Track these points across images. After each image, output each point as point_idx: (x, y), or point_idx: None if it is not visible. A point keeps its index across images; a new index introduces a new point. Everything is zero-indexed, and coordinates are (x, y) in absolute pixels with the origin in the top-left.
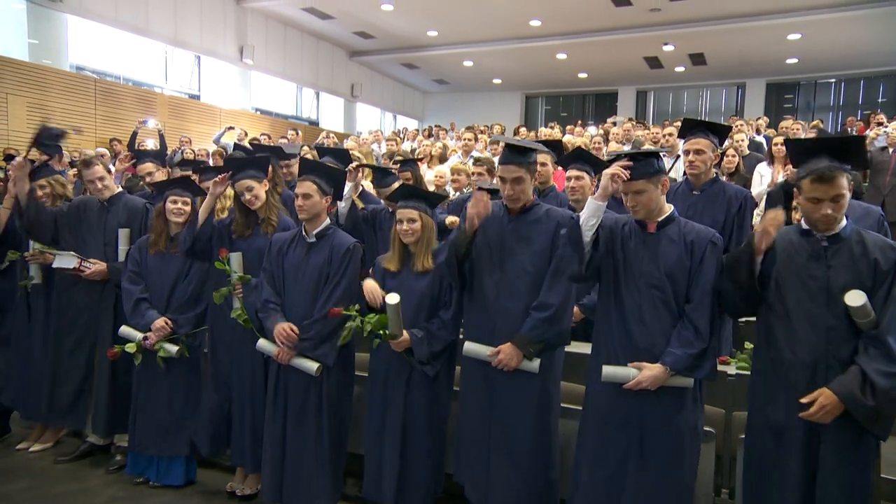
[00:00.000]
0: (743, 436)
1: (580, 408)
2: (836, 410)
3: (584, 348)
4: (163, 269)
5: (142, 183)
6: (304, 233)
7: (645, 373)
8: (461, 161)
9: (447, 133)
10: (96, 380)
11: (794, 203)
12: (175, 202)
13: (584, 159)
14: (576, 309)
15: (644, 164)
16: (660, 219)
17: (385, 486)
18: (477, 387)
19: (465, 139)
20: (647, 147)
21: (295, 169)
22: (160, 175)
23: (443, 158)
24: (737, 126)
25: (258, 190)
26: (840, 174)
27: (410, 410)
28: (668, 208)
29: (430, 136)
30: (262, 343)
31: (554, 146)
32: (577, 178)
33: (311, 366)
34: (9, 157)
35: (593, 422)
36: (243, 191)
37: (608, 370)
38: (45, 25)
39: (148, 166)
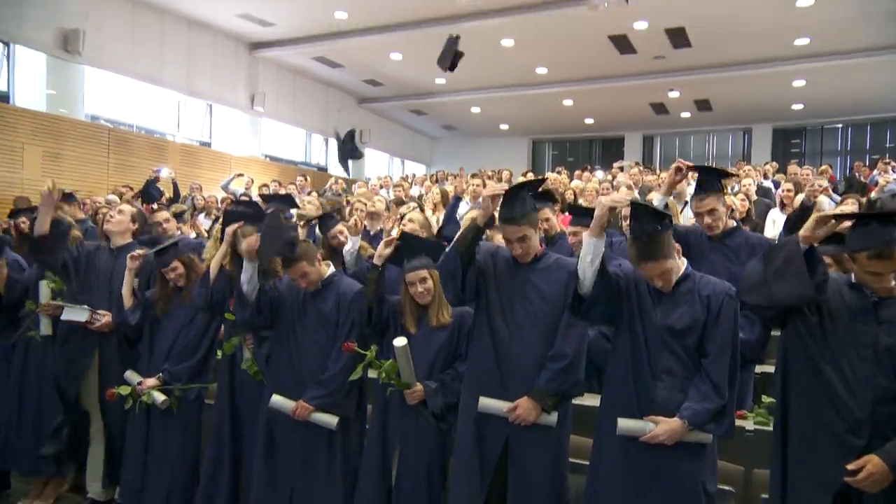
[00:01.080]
0: (765, 495)
1: (587, 462)
2: (885, 480)
3: (589, 400)
4: (169, 319)
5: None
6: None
7: (662, 426)
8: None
9: (456, 178)
10: (92, 429)
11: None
12: (175, 269)
13: (580, 214)
14: None
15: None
16: (675, 278)
17: None
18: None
19: (473, 185)
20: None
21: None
22: (171, 225)
23: (446, 203)
24: (744, 171)
25: None
26: None
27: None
28: (682, 265)
29: (437, 181)
30: (277, 399)
31: (550, 196)
32: (574, 234)
33: (331, 420)
34: (14, 213)
35: (605, 477)
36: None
37: (624, 423)
38: (62, 76)
39: (164, 214)
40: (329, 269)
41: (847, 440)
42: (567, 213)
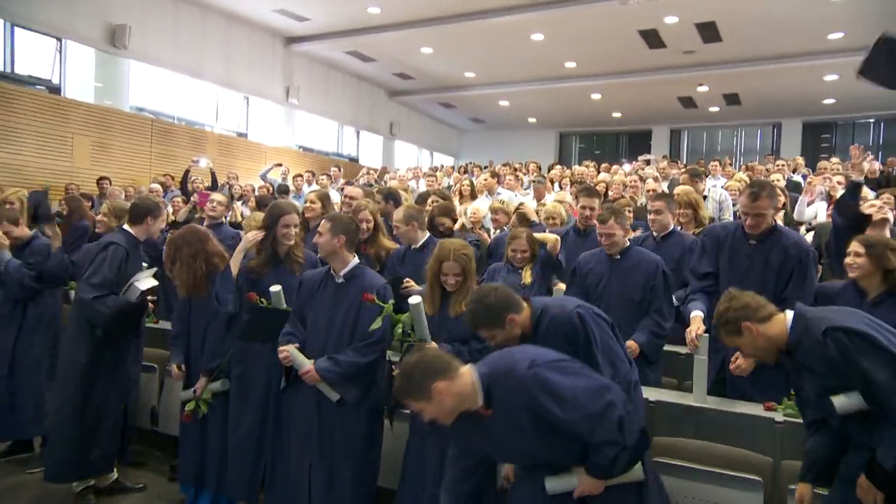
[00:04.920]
0: (793, 486)
1: None
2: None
3: None
4: (201, 307)
5: (203, 214)
6: (332, 272)
7: (582, 481)
8: (499, 200)
9: (482, 171)
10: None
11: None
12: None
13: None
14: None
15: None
16: None
17: None
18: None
19: (483, 178)
20: (684, 188)
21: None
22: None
23: (474, 195)
24: (776, 165)
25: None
26: None
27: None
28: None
29: (465, 172)
30: (295, 352)
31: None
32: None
33: (333, 394)
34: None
35: None
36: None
37: (551, 483)
38: (110, 70)
39: (218, 195)
40: (353, 259)
41: None
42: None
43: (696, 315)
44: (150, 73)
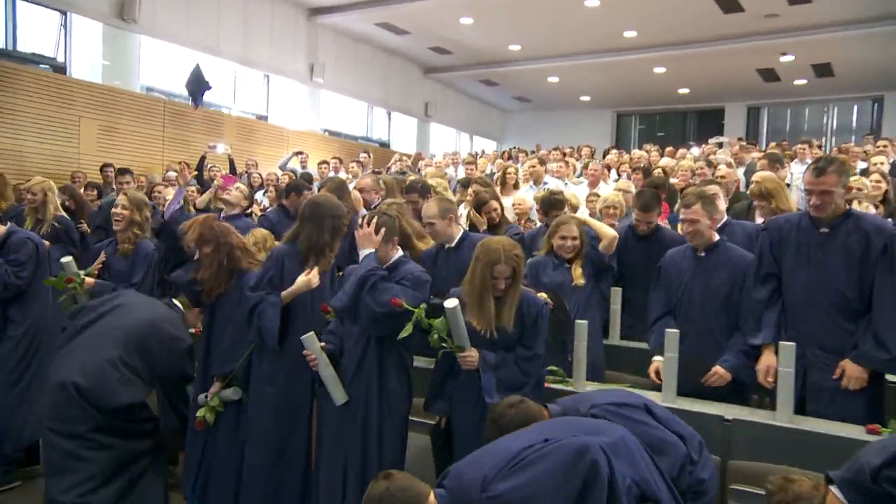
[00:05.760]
0: None
1: None
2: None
3: None
4: (221, 306)
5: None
6: None
7: None
8: (546, 189)
9: (528, 156)
10: None
11: None
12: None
13: None
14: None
15: None
16: None
17: None
18: None
19: (529, 166)
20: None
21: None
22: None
23: (517, 184)
24: (876, 147)
25: None
26: None
27: None
28: None
29: (509, 158)
30: (311, 338)
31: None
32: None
33: (339, 397)
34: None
35: None
36: None
37: None
38: (118, 46)
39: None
40: (398, 253)
41: None
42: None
43: (767, 351)
44: (161, 50)
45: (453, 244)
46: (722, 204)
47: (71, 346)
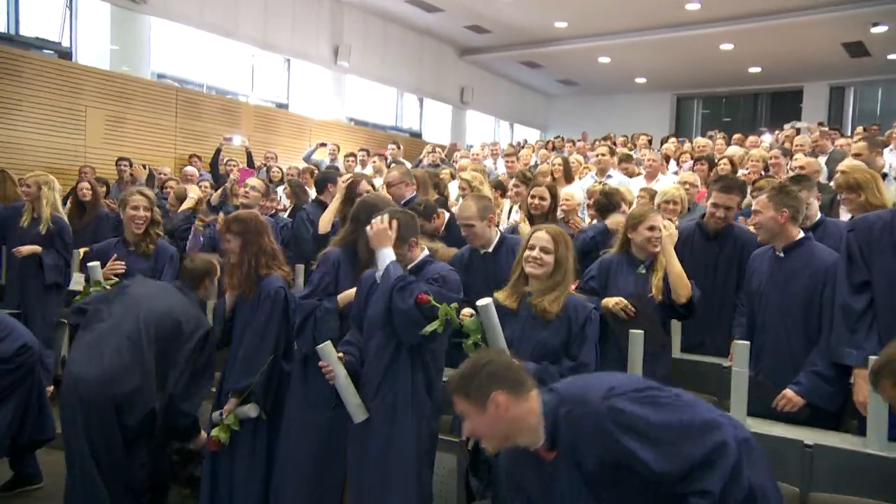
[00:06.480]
0: None
1: None
2: None
3: None
4: (240, 311)
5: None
6: None
7: None
8: (599, 182)
9: (575, 146)
10: None
11: None
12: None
13: None
14: None
15: None
16: None
17: None
18: None
19: (598, 153)
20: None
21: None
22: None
23: (569, 177)
24: None
25: None
26: None
27: None
28: None
29: (553, 149)
30: (327, 347)
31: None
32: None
33: (358, 413)
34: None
35: None
36: None
37: None
38: (127, 30)
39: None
40: (423, 252)
41: None
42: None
43: (859, 373)
44: (174, 34)
45: (490, 248)
46: (812, 198)
47: (88, 339)
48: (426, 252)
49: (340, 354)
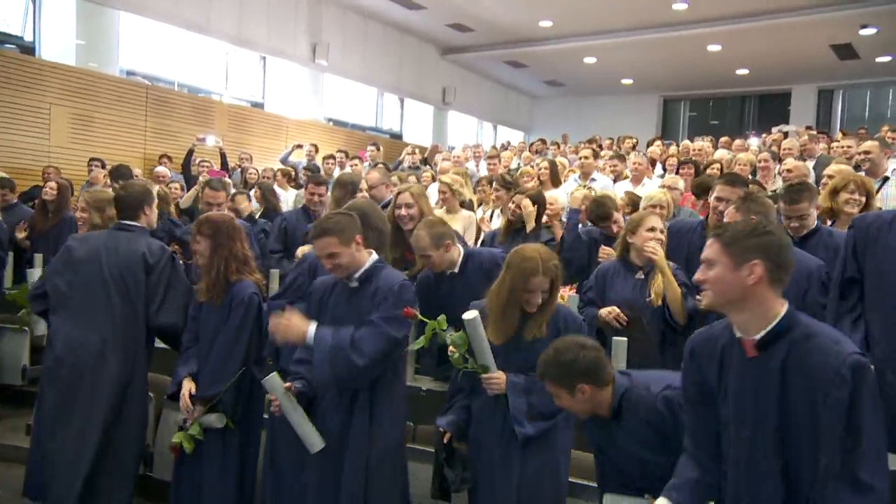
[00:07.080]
0: None
1: None
2: None
3: None
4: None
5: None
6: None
7: None
8: (585, 186)
9: (559, 148)
10: None
11: None
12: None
13: None
14: None
15: None
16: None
17: None
18: None
19: (582, 157)
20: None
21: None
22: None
23: (556, 181)
24: None
25: None
26: None
27: None
28: None
29: (536, 152)
30: (274, 379)
31: None
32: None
33: (314, 443)
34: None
35: None
36: None
37: (613, 500)
38: (94, 24)
39: (220, 195)
40: (371, 257)
41: None
42: None
43: None
44: (143, 29)
45: (456, 269)
46: (812, 208)
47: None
48: (375, 257)
49: (288, 385)
